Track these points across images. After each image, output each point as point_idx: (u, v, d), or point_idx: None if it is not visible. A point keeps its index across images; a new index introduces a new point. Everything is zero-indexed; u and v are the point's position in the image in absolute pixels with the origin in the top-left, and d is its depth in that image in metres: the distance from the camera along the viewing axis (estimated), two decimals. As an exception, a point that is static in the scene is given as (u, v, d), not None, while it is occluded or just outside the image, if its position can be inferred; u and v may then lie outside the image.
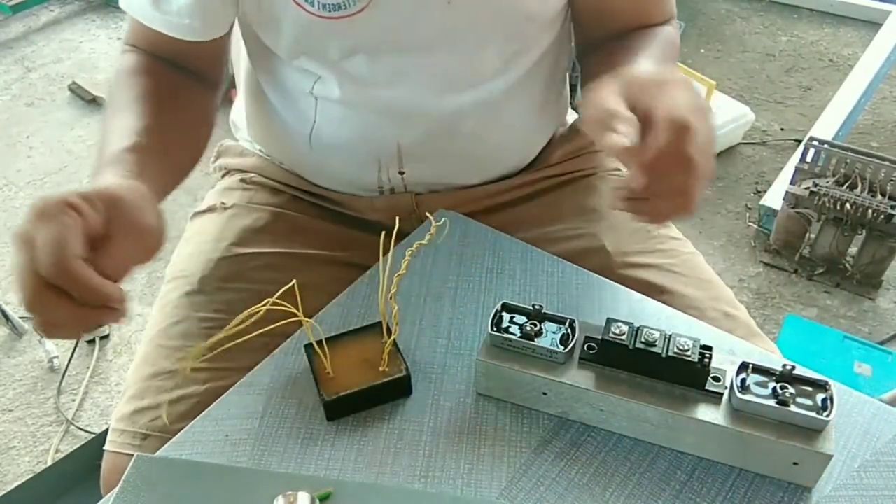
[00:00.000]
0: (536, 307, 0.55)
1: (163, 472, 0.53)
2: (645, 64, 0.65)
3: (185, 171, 0.69)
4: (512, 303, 0.56)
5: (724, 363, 0.52)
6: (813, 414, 0.48)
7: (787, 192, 1.69)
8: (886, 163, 1.57)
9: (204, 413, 0.58)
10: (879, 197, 1.57)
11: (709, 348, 0.51)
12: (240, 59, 0.82)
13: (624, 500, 0.51)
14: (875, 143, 2.12)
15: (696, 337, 0.51)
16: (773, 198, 1.82)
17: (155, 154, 0.61)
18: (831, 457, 0.48)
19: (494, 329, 0.55)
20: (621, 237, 0.77)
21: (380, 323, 0.59)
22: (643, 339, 0.51)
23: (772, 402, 0.49)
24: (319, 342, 0.57)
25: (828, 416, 0.48)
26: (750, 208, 1.93)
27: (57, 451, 1.43)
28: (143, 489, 0.52)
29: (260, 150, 0.86)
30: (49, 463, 1.38)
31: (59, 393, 1.54)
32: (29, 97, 2.43)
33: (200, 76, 0.74)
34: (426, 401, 0.57)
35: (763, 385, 0.51)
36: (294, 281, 0.55)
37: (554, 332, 0.55)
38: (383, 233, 0.57)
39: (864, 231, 1.62)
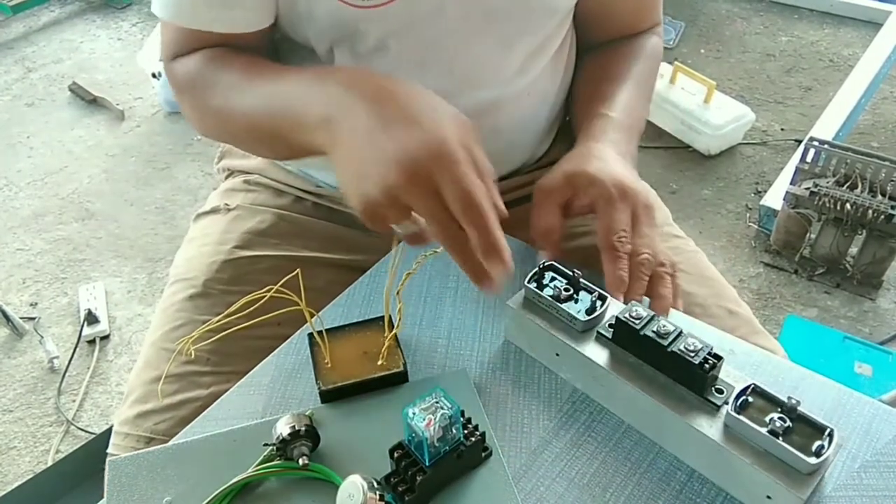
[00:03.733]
0: (576, 274, 0.57)
1: (140, 466, 0.54)
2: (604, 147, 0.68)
3: None
4: (556, 264, 0.59)
5: (736, 379, 0.51)
6: (797, 452, 0.46)
7: (787, 192, 1.69)
8: (887, 163, 1.57)
9: (204, 413, 0.58)
10: (880, 197, 1.57)
11: (718, 357, 0.50)
12: None
13: (624, 500, 0.51)
14: (875, 143, 2.12)
15: (709, 344, 0.50)
16: (774, 198, 1.82)
17: None
18: (803, 500, 0.46)
19: (533, 284, 0.57)
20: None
21: (382, 317, 0.60)
22: (654, 329, 0.51)
23: (762, 429, 0.47)
24: (320, 332, 0.57)
25: (814, 461, 0.46)
26: (750, 209, 1.93)
27: (57, 451, 1.43)
28: (129, 489, 0.52)
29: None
30: (49, 463, 1.38)
31: (59, 393, 1.54)
32: (29, 97, 2.43)
33: None
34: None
35: (762, 411, 0.49)
36: (298, 270, 0.56)
37: (586, 302, 0.56)
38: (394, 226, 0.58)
39: (864, 231, 1.62)
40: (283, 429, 0.51)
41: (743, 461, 0.48)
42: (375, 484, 0.47)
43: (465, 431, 0.50)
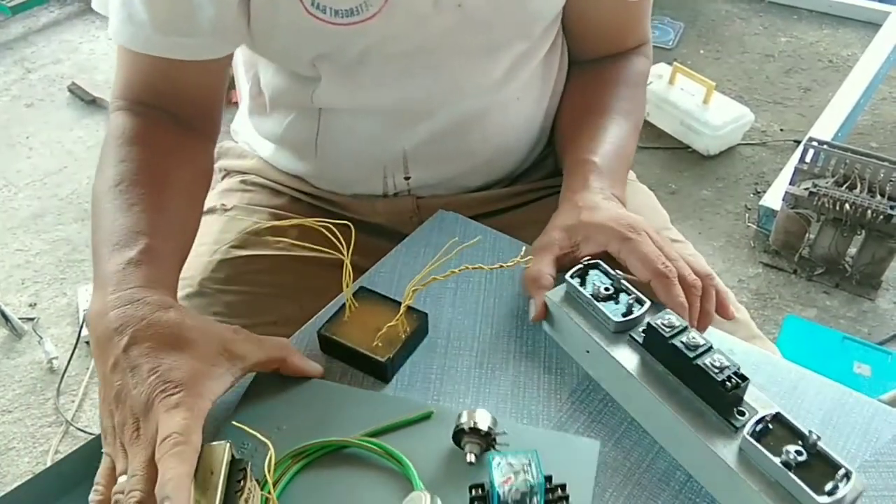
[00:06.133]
0: (619, 275, 0.57)
1: None
2: (597, 187, 0.67)
3: (192, 243, 0.67)
4: (601, 262, 0.59)
5: (763, 405, 0.50)
6: (807, 489, 0.44)
7: (786, 192, 1.69)
8: (886, 163, 1.57)
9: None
10: (879, 197, 1.58)
11: (744, 378, 0.49)
12: (241, 67, 0.82)
13: (624, 499, 0.51)
14: (874, 144, 2.12)
15: (737, 363, 0.50)
16: (773, 198, 1.82)
17: (169, 247, 0.59)
18: None
19: (576, 280, 0.58)
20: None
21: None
22: (683, 340, 0.51)
23: (775, 459, 0.46)
24: (351, 289, 0.60)
25: (825, 500, 0.44)
26: (749, 209, 1.93)
27: (56, 451, 1.43)
28: None
29: (261, 156, 0.85)
30: (48, 464, 1.39)
31: (58, 394, 1.54)
32: (29, 98, 2.43)
33: (196, 125, 0.70)
34: (425, 401, 0.57)
35: (781, 440, 0.47)
36: (349, 223, 0.60)
37: (624, 305, 0.56)
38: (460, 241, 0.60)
39: (863, 231, 1.62)
40: (483, 421, 0.50)
41: (751, 488, 0.46)
42: None
43: None
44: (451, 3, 0.66)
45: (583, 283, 0.58)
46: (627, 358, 0.54)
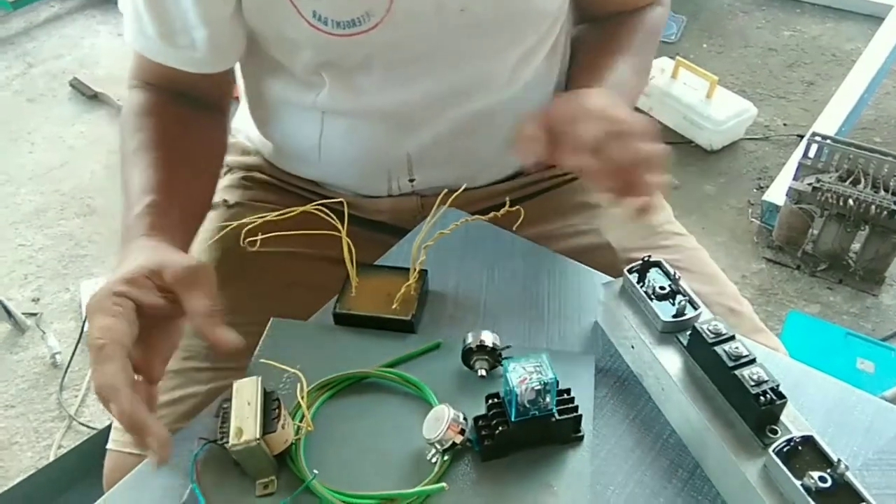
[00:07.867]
0: (677, 277, 0.57)
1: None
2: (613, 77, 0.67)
3: (206, 205, 0.72)
4: (664, 264, 0.59)
5: (800, 427, 0.49)
6: None
7: (789, 187, 1.68)
8: (889, 158, 1.57)
9: (205, 411, 0.58)
10: (882, 192, 1.57)
11: (781, 396, 0.48)
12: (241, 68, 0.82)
13: (624, 499, 0.51)
14: (878, 139, 2.11)
15: (778, 380, 0.48)
16: (776, 193, 1.82)
17: (176, 203, 0.64)
18: None
19: (634, 276, 0.58)
20: (625, 233, 0.77)
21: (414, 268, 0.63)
22: (726, 348, 0.50)
23: (797, 482, 0.45)
24: (353, 263, 0.62)
25: None
26: (752, 204, 1.93)
27: (59, 446, 1.43)
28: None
29: (263, 155, 0.85)
30: (51, 458, 1.39)
31: (61, 389, 1.54)
32: (30, 93, 2.43)
33: (208, 104, 0.74)
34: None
35: (809, 464, 0.46)
36: (342, 200, 0.63)
37: (676, 306, 0.56)
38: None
39: (867, 227, 1.62)
40: (487, 339, 0.55)
41: None
42: (462, 418, 0.51)
43: (561, 407, 0.51)
44: (454, 8, 0.65)
45: (640, 280, 0.58)
46: (669, 359, 0.54)
